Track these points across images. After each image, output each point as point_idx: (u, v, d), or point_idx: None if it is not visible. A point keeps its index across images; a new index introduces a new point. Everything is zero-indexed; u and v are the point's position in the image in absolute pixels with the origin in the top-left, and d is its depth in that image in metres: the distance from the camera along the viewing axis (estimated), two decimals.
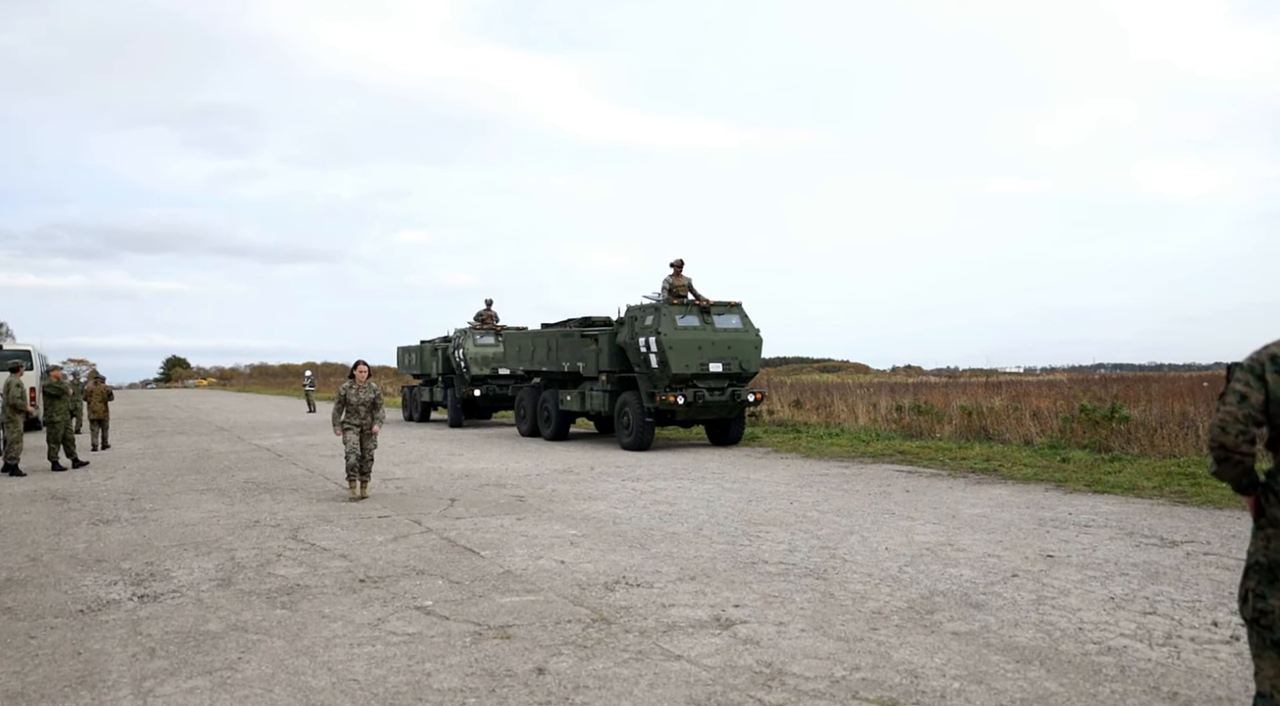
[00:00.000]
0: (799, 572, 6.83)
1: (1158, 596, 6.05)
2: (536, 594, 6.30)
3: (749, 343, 17.11)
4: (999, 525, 8.76)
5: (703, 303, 17.15)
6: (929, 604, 5.92)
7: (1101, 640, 5.12)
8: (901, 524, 8.88)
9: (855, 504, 10.19)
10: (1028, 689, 4.39)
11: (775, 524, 8.93)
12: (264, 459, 16.38)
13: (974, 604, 5.91)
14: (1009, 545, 7.79)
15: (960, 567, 6.95)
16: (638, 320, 16.86)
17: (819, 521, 9.05)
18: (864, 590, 6.29)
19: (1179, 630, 5.30)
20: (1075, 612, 5.68)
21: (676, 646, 5.08)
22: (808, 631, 5.33)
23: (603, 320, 19.02)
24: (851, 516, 9.34)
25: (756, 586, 6.42)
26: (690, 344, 16.40)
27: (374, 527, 8.98)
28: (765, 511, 9.72)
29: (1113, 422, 15.04)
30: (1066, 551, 7.51)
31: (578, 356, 18.50)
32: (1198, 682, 4.45)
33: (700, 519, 9.27)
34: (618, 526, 8.90)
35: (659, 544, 7.99)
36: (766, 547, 7.77)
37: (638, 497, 10.83)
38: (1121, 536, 8.14)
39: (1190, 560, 7.14)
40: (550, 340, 19.61)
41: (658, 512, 9.70)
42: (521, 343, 21.14)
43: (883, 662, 4.77)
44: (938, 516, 9.30)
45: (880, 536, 8.24)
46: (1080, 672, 4.61)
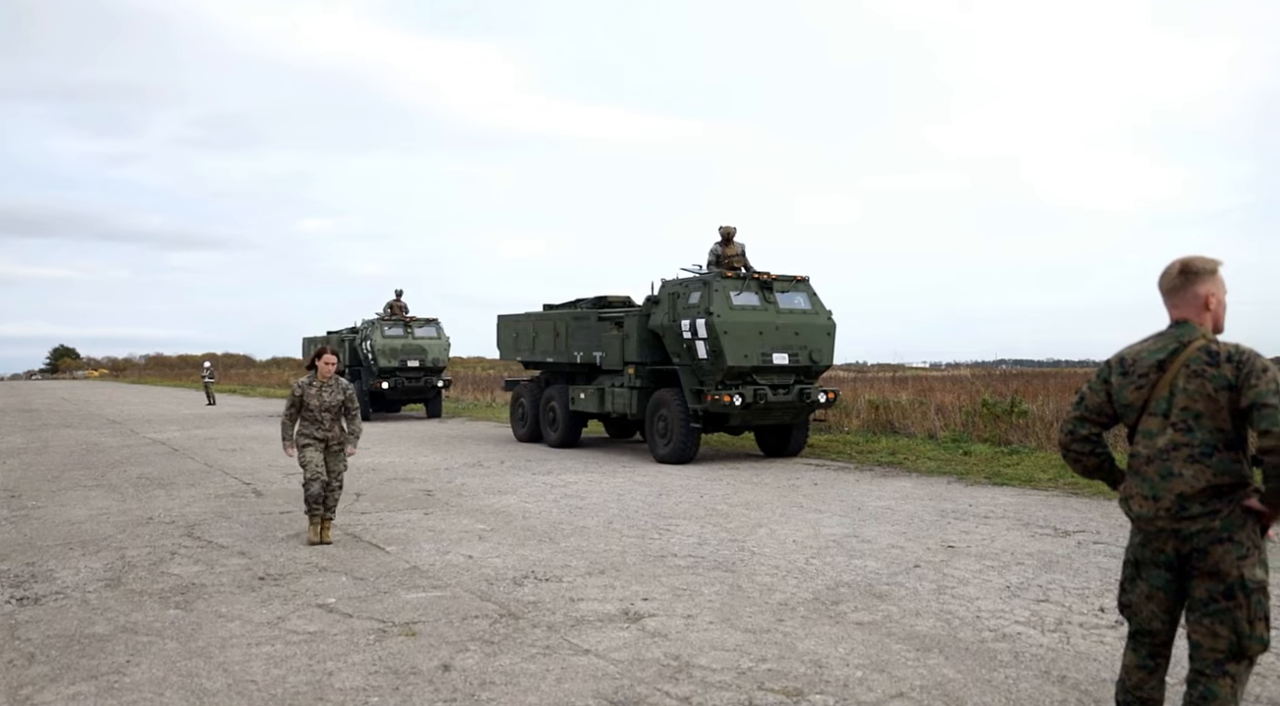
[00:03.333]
0: (708, 565, 6.88)
1: (1050, 584, 6.26)
2: (443, 589, 6.21)
3: (820, 328, 13.76)
4: (903, 517, 8.96)
5: (764, 276, 13.66)
6: (834, 595, 6.02)
7: (998, 627, 5.27)
8: (809, 516, 9.02)
9: (764, 497, 10.31)
10: (927, 676, 4.49)
11: (685, 517, 8.98)
12: (159, 453, 15.81)
13: (878, 594, 6.03)
14: (912, 536, 7.97)
15: (865, 559, 7.08)
16: (680, 298, 13.51)
17: (728, 515, 9.13)
18: (771, 582, 6.36)
19: (1069, 616, 5.49)
20: (974, 601, 5.84)
21: (585, 640, 5.06)
22: (715, 623, 5.37)
23: (621, 300, 16.15)
24: (760, 509, 9.45)
25: (665, 579, 6.44)
26: (749, 328, 13.03)
27: (275, 524, 8.73)
28: (675, 505, 9.76)
29: (1012, 417, 15.55)
30: (966, 542, 7.72)
31: (595, 344, 15.25)
32: (1085, 666, 4.62)
33: (610, 512, 9.27)
34: (527, 520, 8.84)
35: (568, 538, 7.96)
36: (676, 541, 7.81)
37: (548, 491, 10.78)
38: (1018, 527, 8.40)
39: (1081, 549, 7.41)
40: (558, 325, 16.21)
41: (568, 506, 9.67)
42: (519, 328, 17.56)
43: (788, 653, 4.83)
44: (844, 509, 9.47)
45: (788, 529, 8.35)
46: (977, 659, 4.74)
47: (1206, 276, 3.17)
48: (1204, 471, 3.00)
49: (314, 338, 27.49)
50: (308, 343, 27.91)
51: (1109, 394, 3.26)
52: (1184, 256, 3.23)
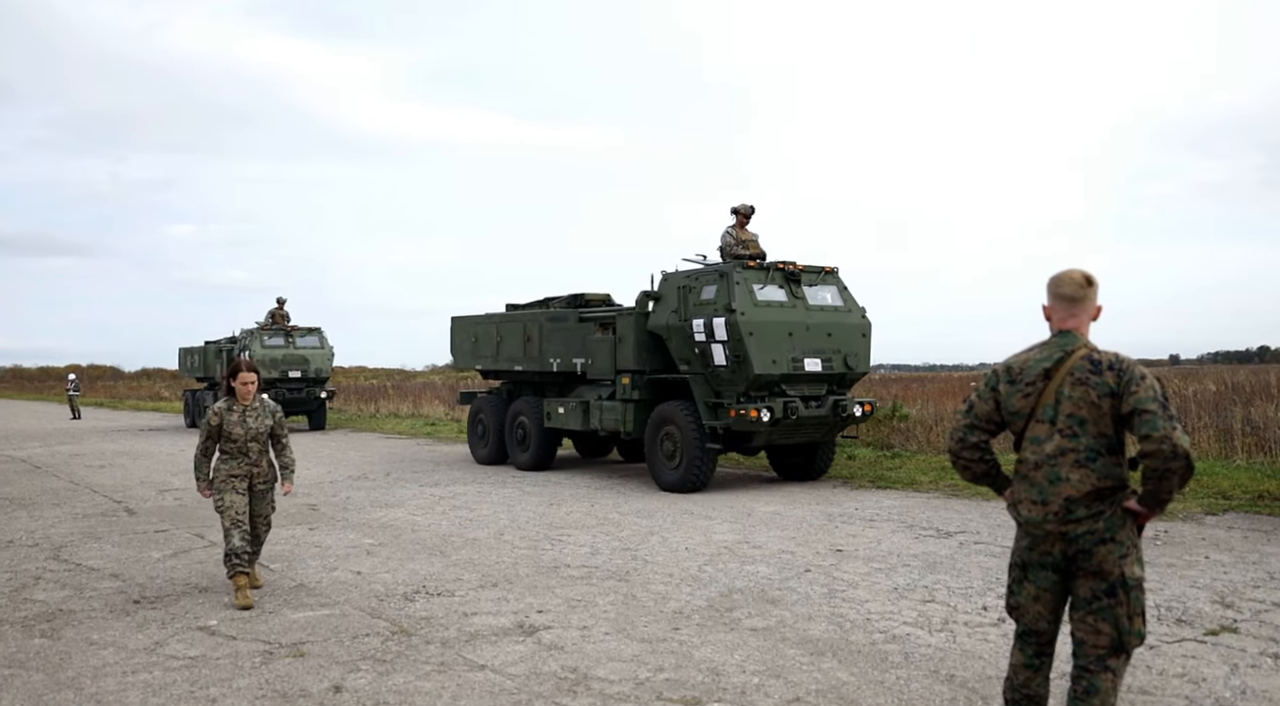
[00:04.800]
0: (601, 575, 6.86)
1: (935, 585, 6.46)
2: (331, 607, 6.02)
3: (854, 328, 11.67)
4: (792, 522, 9.12)
5: (790, 266, 11.53)
6: (728, 602, 6.07)
7: (887, 629, 5.41)
8: (700, 523, 9.09)
9: (655, 505, 10.36)
10: (821, 680, 4.57)
11: (577, 527, 8.95)
12: (19, 471, 14.90)
13: (770, 600, 6.11)
14: (801, 541, 8.11)
15: (757, 564, 7.18)
16: (691, 293, 11.34)
17: (620, 523, 9.14)
18: (665, 590, 6.38)
19: (954, 616, 5.67)
20: (863, 604, 5.98)
21: (480, 655, 4.98)
22: (611, 634, 5.35)
23: (600, 298, 14.26)
24: (652, 517, 9.48)
25: (560, 591, 6.39)
26: (777, 329, 10.94)
27: (150, 543, 8.33)
28: (566, 514, 9.72)
29: (894, 421, 16.01)
30: (854, 545, 7.90)
31: (576, 350, 13.07)
32: (971, 664, 4.77)
33: (501, 523, 9.16)
34: (416, 534, 8.65)
35: (459, 550, 7.83)
36: (569, 551, 7.77)
37: (436, 503, 10.59)
38: (903, 529, 8.65)
39: (963, 550, 7.67)
40: (529, 328, 13.94)
41: (457, 518, 9.51)
42: (479, 332, 15.13)
43: (685, 662, 4.85)
44: (734, 515, 9.58)
45: (680, 536, 8.40)
46: (869, 661, 4.84)
47: (1097, 289, 3.33)
48: (1089, 475, 3.14)
49: (191, 348, 26.45)
50: (184, 353, 26.83)
51: (997, 402, 3.38)
52: (1081, 269, 3.35)
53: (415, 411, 28.16)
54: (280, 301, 24.19)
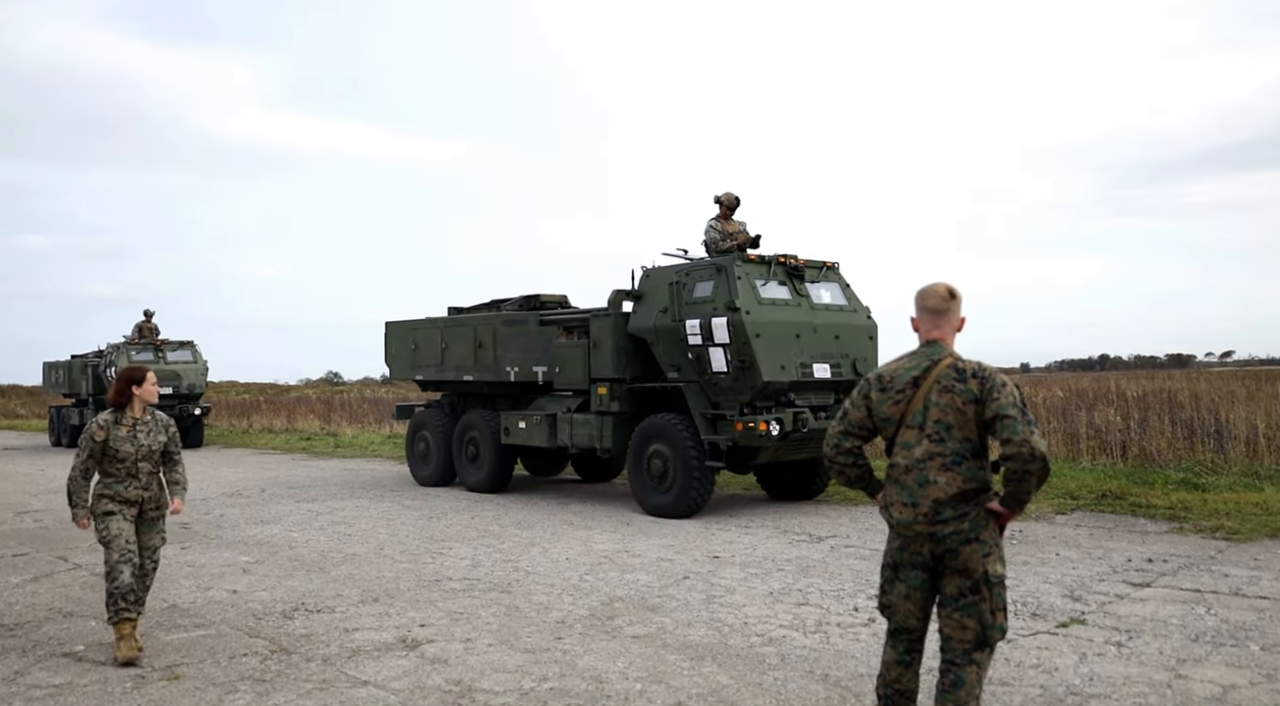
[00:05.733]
0: (484, 587, 6.85)
1: (809, 588, 6.69)
2: (207, 628, 5.83)
3: (861, 329, 10.58)
4: (670, 530, 9.27)
5: (792, 260, 10.31)
6: (609, 610, 6.15)
7: (764, 632, 5.58)
8: (580, 533, 9.15)
9: (535, 516, 10.37)
10: (702, 684, 4.69)
11: (458, 539, 8.89)
12: None
13: (651, 607, 6.22)
14: (680, 549, 8.27)
15: (637, 573, 7.29)
16: (684, 289, 10.08)
17: (500, 535, 9.12)
18: (548, 600, 6.42)
19: (828, 617, 5.89)
20: (741, 608, 6.15)
21: (362, 671, 4.92)
22: (495, 646, 5.36)
23: (556, 300, 12.96)
24: (532, 528, 9.50)
25: (442, 604, 6.36)
26: (784, 331, 9.76)
27: (8, 568, 7.88)
28: (447, 527, 9.64)
29: None
30: (731, 551, 8.10)
31: (538, 357, 11.72)
32: (844, 663, 4.98)
33: (381, 538, 9.02)
34: (294, 550, 8.44)
35: (339, 566, 7.68)
36: (450, 564, 7.72)
37: (313, 519, 10.34)
38: (777, 535, 8.90)
39: (835, 553, 7.96)
40: (481, 332, 12.47)
41: (336, 533, 9.32)
42: (420, 338, 13.48)
43: (569, 671, 4.90)
44: (613, 524, 9.68)
45: (561, 547, 8.44)
46: (747, 664, 5.00)
47: (961, 301, 3.55)
48: (955, 478, 3.34)
49: (56, 363, 25.07)
50: (48, 368, 25.38)
51: (869, 409, 3.56)
52: (946, 282, 3.57)
53: (290, 426, 27.31)
54: (148, 314, 23.11)
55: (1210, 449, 12.11)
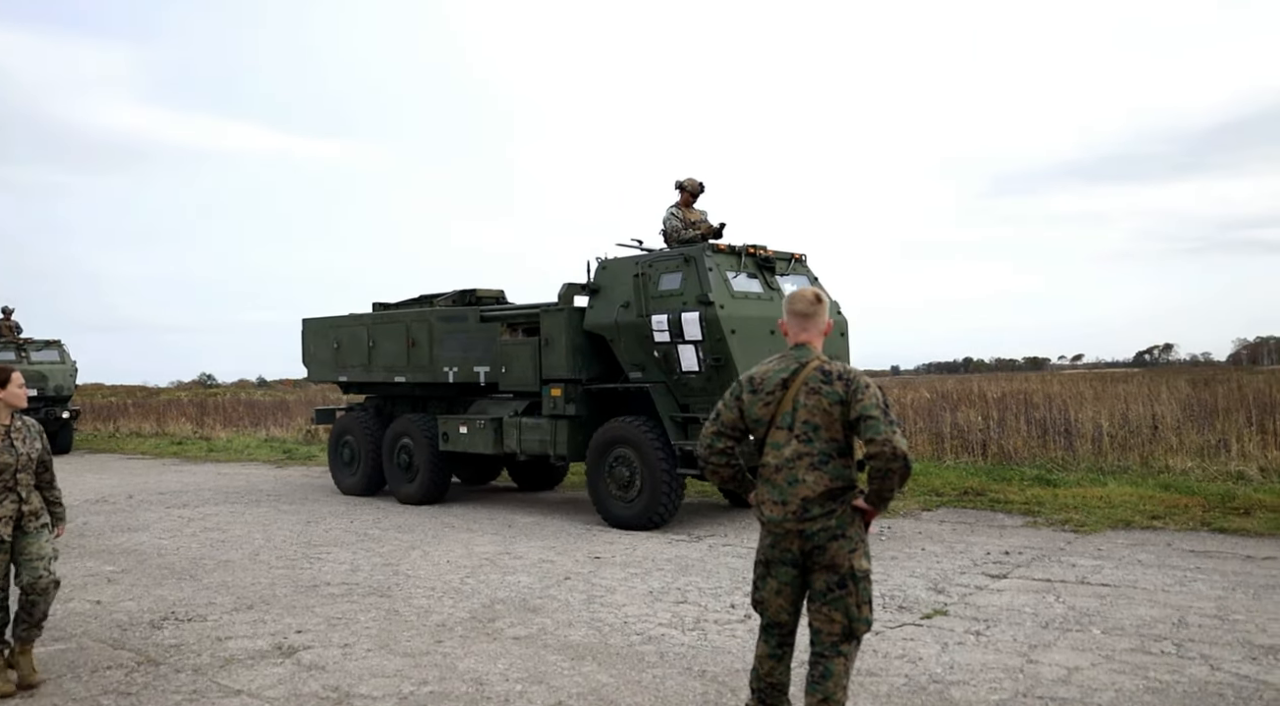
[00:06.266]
0: (363, 592, 6.76)
1: (688, 586, 6.83)
2: (67, 641, 5.58)
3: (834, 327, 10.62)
4: (551, 531, 9.31)
5: (761, 251, 9.73)
6: (490, 612, 6.16)
7: (644, 631, 5.68)
8: (462, 536, 9.11)
9: (415, 519, 10.25)
10: (582, 683, 4.76)
11: (336, 544, 8.73)
12: None
13: (532, 608, 6.26)
14: (561, 550, 8.31)
15: (518, 574, 7.30)
16: (649, 282, 9.36)
17: (380, 539, 9.00)
18: (428, 604, 6.38)
19: (705, 614, 6.04)
20: (621, 608, 6.24)
21: (235, 680, 4.81)
22: (374, 650, 5.31)
23: (493, 295, 12.19)
24: (413, 532, 9.40)
25: (319, 609, 6.25)
26: (758, 327, 9.12)
27: None
28: (325, 532, 9.45)
29: None
30: (611, 552, 8.19)
31: (480, 356, 11.01)
32: (721, 659, 5.11)
33: (256, 544, 8.78)
34: (164, 558, 8.14)
35: (211, 573, 7.45)
36: (328, 569, 7.58)
37: (185, 526, 9.98)
38: (656, 535, 9.03)
39: (712, 552, 8.14)
40: (414, 330, 11.49)
41: (209, 540, 9.02)
42: (342, 336, 12.57)
43: (449, 674, 4.90)
44: (495, 526, 9.66)
45: (442, 550, 8.39)
46: (627, 662, 5.08)
47: (826, 306, 3.73)
48: (822, 477, 3.49)
49: None
50: None
51: (741, 410, 3.69)
52: (813, 288, 3.76)
53: (160, 430, 26.17)
54: (6, 312, 21.66)
55: (1061, 446, 12.84)
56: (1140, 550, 7.76)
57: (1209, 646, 5.16)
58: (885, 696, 4.50)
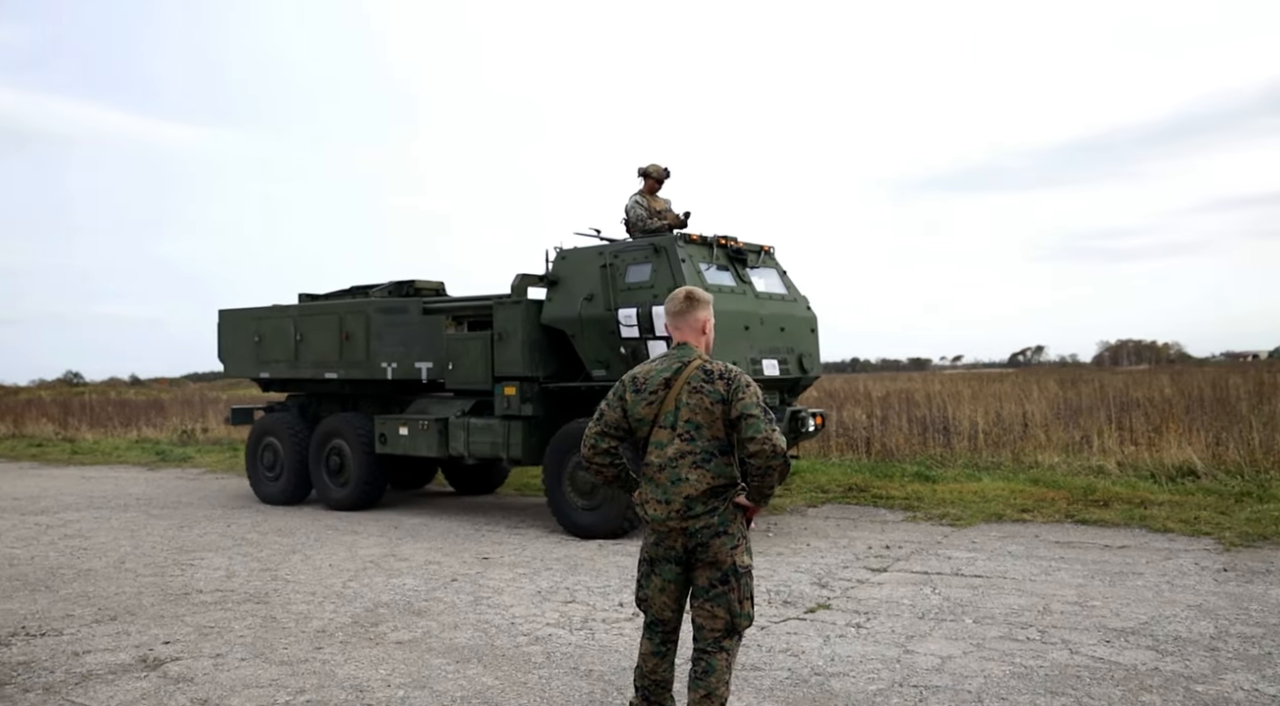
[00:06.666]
0: (238, 599, 6.51)
1: (576, 586, 6.80)
2: None
3: (803, 321, 9.70)
4: (439, 532, 9.16)
5: (732, 243, 9.27)
6: (374, 616, 6.02)
7: (531, 631, 5.63)
8: (345, 539, 8.88)
9: (297, 522, 9.95)
10: (467, 686, 4.68)
11: (211, 549, 8.39)
12: None
13: (417, 611, 6.13)
14: (448, 551, 8.18)
15: (404, 577, 7.16)
16: (616, 273, 8.81)
17: (259, 543, 8.69)
18: (308, 609, 6.19)
19: (594, 614, 6.02)
20: (509, 609, 6.17)
21: (93, 697, 4.56)
22: (248, 660, 5.12)
23: (433, 287, 11.34)
24: (294, 535, 9.11)
25: (190, 619, 5.99)
26: (734, 322, 8.71)
27: None
28: (199, 537, 9.07)
29: None
30: (500, 552, 8.10)
31: (424, 351, 10.22)
32: (608, 658, 5.10)
33: (122, 551, 8.37)
34: (15, 568, 7.68)
35: (70, 584, 7.06)
36: (201, 576, 7.28)
37: (42, 533, 9.44)
38: (546, 535, 8.98)
39: (602, 551, 8.13)
40: (349, 322, 10.79)
41: (69, 548, 8.56)
42: (265, 328, 11.65)
43: (328, 681, 4.76)
44: (381, 528, 9.45)
45: (324, 553, 8.16)
46: (513, 664, 5.03)
47: (704, 305, 3.75)
48: (705, 475, 3.52)
49: None
50: None
51: (624, 410, 3.69)
52: (688, 287, 3.80)
53: (17, 431, 24.68)
54: None
55: (940, 444, 13.30)
56: (1011, 542, 8.08)
57: (1069, 631, 5.41)
58: (768, 689, 4.56)
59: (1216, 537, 7.97)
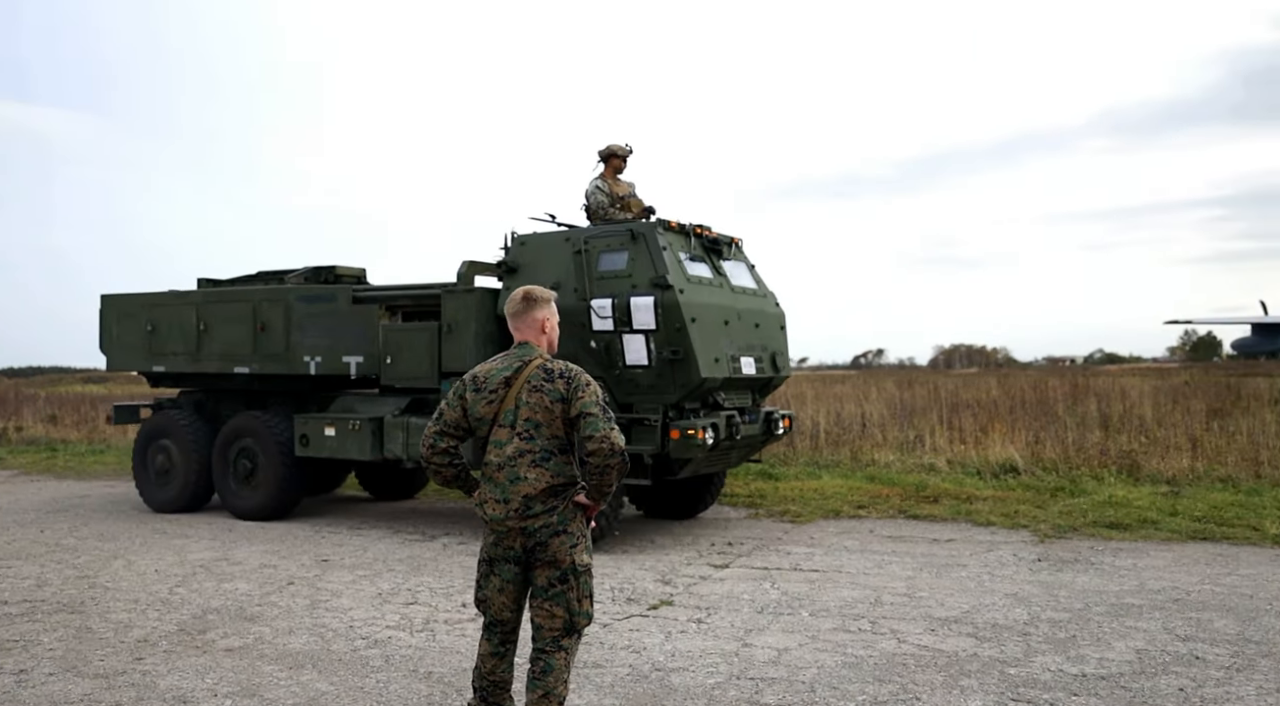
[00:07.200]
0: (49, 609, 6.09)
1: (419, 587, 6.67)
2: None
3: (774, 318, 9.21)
4: (276, 535, 8.82)
5: (706, 232, 8.69)
6: (201, 623, 5.74)
7: (369, 634, 5.49)
8: (174, 543, 8.44)
9: (120, 526, 9.39)
10: (300, 693, 4.53)
11: (20, 557, 7.82)
12: None
13: (249, 617, 5.89)
14: (285, 554, 7.89)
15: (236, 582, 6.86)
16: (591, 258, 8.17)
17: (76, 549, 8.16)
18: (129, 618, 5.85)
19: (436, 615, 5.92)
20: (347, 612, 6.00)
21: None
22: (57, 674, 4.80)
23: (354, 274, 10.40)
24: (116, 539, 8.60)
25: None
26: (716, 316, 8.18)
27: None
28: (7, 544, 8.44)
29: None
30: (340, 554, 7.86)
31: (353, 343, 9.25)
32: (449, 659, 5.03)
33: None
34: None
35: None
36: (7, 585, 6.77)
37: None
38: (389, 535, 8.78)
39: (446, 551, 8.00)
40: (265, 310, 9.75)
41: None
42: (159, 316, 10.45)
43: (148, 693, 4.51)
44: (213, 531, 9.03)
45: (149, 558, 7.73)
46: (350, 669, 4.89)
47: (544, 304, 3.73)
48: (544, 474, 3.50)
49: None
50: None
51: (464, 409, 3.64)
52: (526, 286, 3.78)
53: None
54: None
55: (783, 443, 13.68)
56: (847, 537, 8.40)
57: (898, 622, 5.67)
58: (609, 686, 4.59)
59: (1033, 530, 8.51)
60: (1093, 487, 10.06)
